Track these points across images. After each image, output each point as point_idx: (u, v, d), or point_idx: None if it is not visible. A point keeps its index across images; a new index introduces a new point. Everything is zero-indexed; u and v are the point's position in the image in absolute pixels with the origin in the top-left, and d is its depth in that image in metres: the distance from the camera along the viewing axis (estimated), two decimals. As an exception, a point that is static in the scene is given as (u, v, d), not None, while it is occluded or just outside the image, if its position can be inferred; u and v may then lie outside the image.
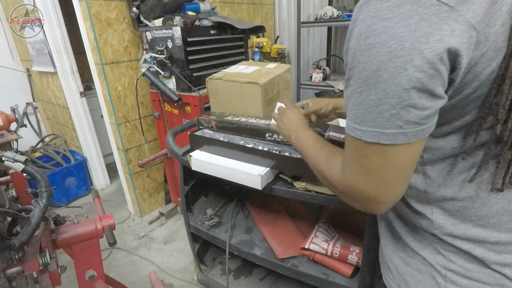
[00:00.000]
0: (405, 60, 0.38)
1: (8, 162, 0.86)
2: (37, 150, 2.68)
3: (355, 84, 0.43)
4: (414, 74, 0.38)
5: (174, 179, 2.22)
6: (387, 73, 0.39)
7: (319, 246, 1.11)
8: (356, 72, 0.43)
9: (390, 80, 0.39)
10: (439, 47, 0.37)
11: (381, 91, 0.40)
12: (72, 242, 1.04)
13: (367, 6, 0.40)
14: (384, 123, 0.41)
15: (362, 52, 0.41)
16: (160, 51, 1.75)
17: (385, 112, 0.41)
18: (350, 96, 0.45)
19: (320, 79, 2.52)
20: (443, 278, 0.51)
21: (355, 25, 0.42)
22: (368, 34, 0.40)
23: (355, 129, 0.45)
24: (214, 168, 1.12)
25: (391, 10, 0.38)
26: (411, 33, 0.37)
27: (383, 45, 0.39)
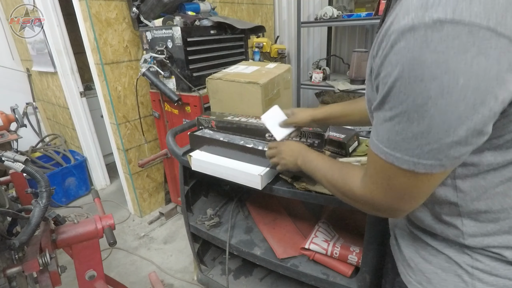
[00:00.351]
0: (457, 98, 0.36)
1: (8, 162, 0.86)
2: (37, 150, 2.68)
3: (392, 112, 0.41)
4: (464, 113, 0.37)
5: (174, 179, 2.22)
6: (435, 109, 0.37)
7: (319, 246, 1.11)
8: (395, 100, 0.40)
9: (437, 116, 0.38)
10: (495, 85, 0.35)
11: (425, 126, 0.39)
12: (72, 242, 1.04)
13: (412, 34, 0.36)
14: (422, 155, 0.41)
15: (406, 84, 0.38)
16: (160, 51, 1.75)
17: (425, 145, 0.40)
18: (383, 121, 0.44)
19: (320, 79, 2.52)
20: (470, 276, 0.51)
21: (393, 51, 0.39)
22: (414, 66, 0.37)
23: (387, 154, 0.44)
24: (214, 168, 1.12)
25: (445, 42, 0.35)
26: (467, 68, 0.35)
27: (433, 79, 0.36)
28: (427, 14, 0.35)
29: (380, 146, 0.45)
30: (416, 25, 0.36)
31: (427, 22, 0.35)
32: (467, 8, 0.34)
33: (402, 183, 0.45)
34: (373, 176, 0.50)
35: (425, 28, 0.35)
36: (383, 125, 0.44)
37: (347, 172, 0.59)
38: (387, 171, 0.46)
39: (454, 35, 0.34)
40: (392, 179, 0.46)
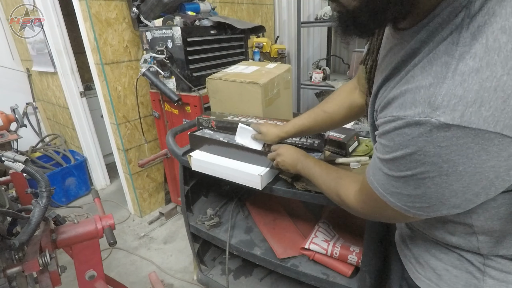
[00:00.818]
0: (454, 179, 0.38)
1: (8, 162, 0.86)
2: (37, 150, 2.68)
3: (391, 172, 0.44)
4: (459, 189, 0.39)
5: (174, 179, 2.22)
6: (432, 183, 0.40)
7: (319, 246, 1.11)
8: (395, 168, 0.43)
9: (433, 188, 0.40)
10: (491, 171, 0.37)
11: (421, 192, 0.42)
12: (72, 242, 1.04)
13: (418, 128, 0.38)
14: (414, 208, 0.45)
15: (406, 162, 0.41)
16: (160, 51, 1.75)
17: (418, 203, 0.44)
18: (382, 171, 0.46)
19: (320, 79, 2.52)
20: (481, 272, 0.52)
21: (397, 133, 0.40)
22: (417, 152, 0.39)
23: (382, 194, 0.48)
24: (214, 168, 1.12)
25: (449, 140, 0.36)
26: (467, 161, 0.36)
27: (433, 164, 0.38)
28: (435, 115, 0.36)
29: (377, 186, 0.48)
30: (423, 122, 0.37)
31: (433, 123, 0.36)
32: (476, 113, 0.34)
33: (393, 214, 0.49)
34: (366, 199, 0.55)
35: (431, 127, 0.36)
36: (381, 173, 0.46)
37: (343, 185, 0.64)
38: (379, 202, 0.49)
39: (460, 136, 0.35)
40: (383, 209, 0.49)
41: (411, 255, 0.64)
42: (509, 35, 0.34)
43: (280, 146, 0.96)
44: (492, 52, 0.34)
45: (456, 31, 0.37)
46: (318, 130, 0.99)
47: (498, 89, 0.34)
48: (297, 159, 0.87)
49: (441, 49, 0.38)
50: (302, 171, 0.84)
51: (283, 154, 0.92)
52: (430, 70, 0.38)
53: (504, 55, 0.33)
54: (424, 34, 0.41)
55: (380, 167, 0.46)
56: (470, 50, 0.35)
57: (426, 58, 0.39)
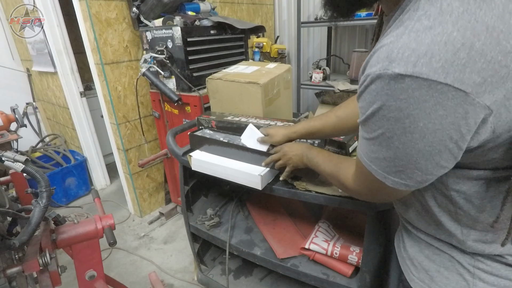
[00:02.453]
0: (417, 137, 0.40)
1: (8, 162, 0.85)
2: (37, 150, 2.68)
3: (368, 134, 0.47)
4: (424, 148, 0.41)
5: (174, 179, 2.22)
6: (399, 142, 0.42)
7: (319, 246, 1.11)
8: (369, 128, 0.46)
9: (401, 148, 0.43)
10: (451, 128, 0.39)
11: (392, 153, 0.44)
12: (72, 242, 1.04)
13: (380, 81, 0.41)
14: (391, 173, 0.47)
15: (376, 119, 0.44)
16: (160, 51, 1.75)
17: (392, 167, 0.46)
18: (363, 138, 0.49)
19: (320, 79, 2.52)
20: (471, 275, 0.53)
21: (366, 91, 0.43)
22: (382, 107, 0.42)
23: (367, 164, 0.50)
24: (214, 168, 1.12)
25: (406, 92, 0.39)
26: (426, 115, 0.39)
27: (397, 120, 0.41)
28: (391, 67, 0.39)
29: (363, 156, 0.51)
30: (382, 75, 0.40)
31: (390, 74, 0.39)
32: (427, 64, 0.37)
33: (379, 188, 0.51)
34: (359, 176, 0.57)
35: (389, 79, 0.39)
36: (363, 141, 0.50)
37: (343, 168, 0.67)
38: (368, 176, 0.52)
39: (415, 87, 0.38)
40: (372, 183, 0.52)
41: (406, 256, 0.64)
42: (461, 1, 0.37)
43: (282, 146, 0.96)
44: (445, 13, 0.38)
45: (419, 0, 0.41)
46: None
47: (448, 43, 0.36)
48: (302, 153, 0.87)
49: (405, 17, 0.42)
50: (308, 163, 0.85)
51: (288, 152, 0.92)
52: (393, 32, 0.42)
53: (456, 16, 0.37)
54: (398, 11, 0.45)
55: (362, 134, 0.49)
56: (425, 13, 0.39)
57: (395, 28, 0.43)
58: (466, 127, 0.39)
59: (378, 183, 0.50)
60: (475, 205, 0.49)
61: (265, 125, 1.13)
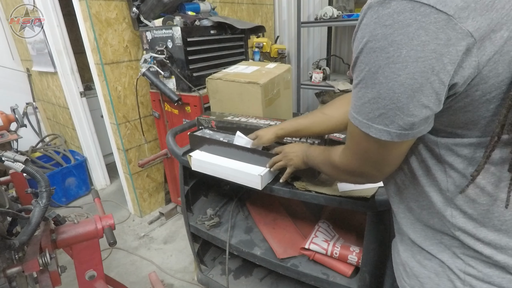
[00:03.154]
0: (400, 67, 0.40)
1: (8, 162, 0.86)
2: (37, 150, 2.68)
3: (357, 79, 0.47)
4: (405, 81, 0.41)
5: (174, 179, 2.22)
6: (383, 76, 0.42)
7: (319, 246, 1.11)
8: (358, 70, 0.46)
9: (384, 83, 0.42)
10: (432, 57, 0.38)
11: (376, 91, 0.44)
12: (72, 242, 1.04)
13: (370, 12, 0.42)
14: (374, 119, 0.46)
15: (364, 54, 0.44)
16: (160, 51, 1.75)
17: (376, 110, 0.45)
18: (353, 87, 0.49)
19: (320, 79, 2.52)
20: (462, 282, 0.51)
21: (359, 29, 0.45)
22: (370, 39, 0.42)
23: (354, 117, 0.49)
24: (214, 168, 1.12)
25: (391, 17, 0.39)
26: (409, 41, 0.39)
27: (382, 50, 0.41)
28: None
29: (351, 112, 0.50)
30: (372, 3, 0.41)
31: (379, 0, 0.40)
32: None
33: (364, 147, 0.50)
34: (348, 142, 0.56)
35: (377, 5, 0.41)
36: (354, 91, 0.49)
37: (332, 150, 0.67)
38: (354, 136, 0.51)
39: (399, 11, 0.39)
40: (358, 144, 0.51)
41: (399, 262, 0.63)
42: None
43: (283, 147, 0.96)
44: None
45: None
46: (316, 132, 0.98)
47: None
48: (302, 153, 0.88)
49: None
50: (308, 162, 0.85)
51: (289, 153, 0.92)
52: None
53: None
54: None
55: (353, 85, 0.49)
56: None
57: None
58: (448, 55, 0.38)
59: (364, 141, 0.49)
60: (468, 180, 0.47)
61: (265, 125, 1.13)
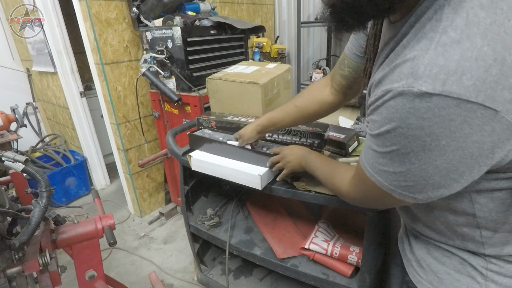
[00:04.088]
0: (437, 154, 0.39)
1: (8, 162, 0.86)
2: (37, 150, 2.68)
3: (379, 148, 0.45)
4: (442, 165, 0.39)
5: (174, 179, 2.22)
6: (416, 159, 0.40)
7: (319, 246, 1.11)
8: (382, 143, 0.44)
9: (417, 164, 0.41)
10: (474, 147, 0.37)
11: (405, 168, 0.42)
12: (72, 242, 1.04)
13: (401, 99, 0.38)
14: (399, 187, 0.45)
15: (392, 136, 0.41)
16: (160, 51, 1.75)
17: (402, 181, 0.44)
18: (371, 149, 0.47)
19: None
20: (484, 277, 0.51)
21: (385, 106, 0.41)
22: (401, 125, 0.39)
23: (371, 174, 0.48)
24: (214, 168, 1.12)
25: (431, 111, 0.36)
26: (450, 134, 0.37)
27: (417, 138, 0.39)
28: (417, 84, 0.37)
29: (367, 166, 0.49)
30: (406, 92, 0.38)
31: (416, 92, 0.37)
32: (457, 82, 0.35)
33: (381, 196, 0.50)
34: (357, 183, 0.56)
35: (413, 97, 0.37)
36: (370, 151, 0.48)
37: (339, 172, 0.67)
38: (369, 184, 0.50)
39: (442, 106, 0.36)
40: (373, 191, 0.51)
41: (413, 258, 0.63)
42: (487, 11, 0.35)
43: (282, 148, 0.97)
44: (472, 25, 0.35)
45: (439, 9, 0.38)
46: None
47: (479, 59, 0.34)
48: (301, 157, 0.88)
49: (427, 28, 0.39)
50: (306, 166, 0.85)
51: (287, 155, 0.93)
52: (416, 46, 0.39)
53: (484, 28, 0.35)
54: (412, 18, 0.42)
55: (370, 145, 0.47)
56: (451, 24, 0.36)
57: (414, 38, 0.41)
58: (490, 144, 0.37)
59: (381, 192, 0.48)
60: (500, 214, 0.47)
61: None
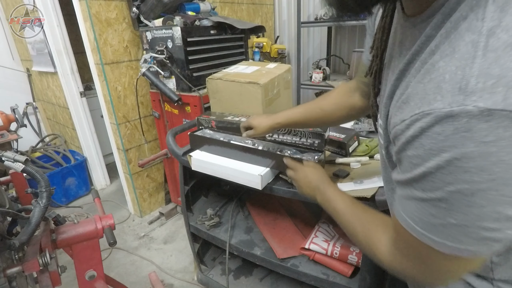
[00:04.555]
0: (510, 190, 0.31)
1: (8, 162, 0.85)
2: (37, 150, 2.68)
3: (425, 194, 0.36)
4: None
5: (174, 179, 2.22)
6: (485, 199, 0.32)
7: (319, 246, 1.11)
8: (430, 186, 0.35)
9: (487, 206, 0.32)
10: None
11: (473, 215, 0.33)
12: (72, 242, 1.04)
13: (451, 122, 0.31)
14: (470, 242, 0.35)
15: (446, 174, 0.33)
16: (160, 51, 1.75)
17: (473, 233, 0.35)
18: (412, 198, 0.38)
19: (320, 79, 2.52)
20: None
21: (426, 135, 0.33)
22: (457, 156, 0.31)
23: (422, 235, 0.39)
24: (214, 168, 1.12)
25: (494, 132, 0.29)
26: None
27: (482, 171, 0.31)
28: (470, 101, 0.29)
29: (412, 224, 0.39)
30: (457, 112, 0.30)
31: (471, 111, 0.29)
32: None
33: (440, 264, 0.40)
34: (403, 250, 0.45)
35: (468, 117, 0.30)
36: (412, 202, 0.38)
37: (370, 230, 0.53)
38: (422, 249, 0.40)
39: (506, 126, 0.29)
40: (428, 258, 0.41)
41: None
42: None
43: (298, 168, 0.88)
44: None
45: (478, 5, 0.31)
46: (311, 126, 0.97)
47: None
48: (316, 188, 0.76)
49: (463, 28, 0.32)
50: (322, 204, 0.73)
51: (300, 180, 0.84)
52: (453, 53, 0.32)
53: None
54: (439, 17, 0.35)
55: (410, 194, 0.38)
56: (500, 24, 0.29)
57: (445, 42, 0.33)
58: None
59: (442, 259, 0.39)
60: None
61: None
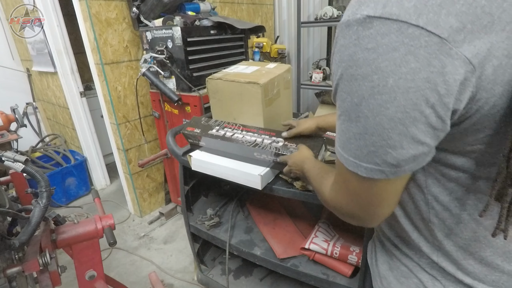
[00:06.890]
0: (387, 99, 0.35)
1: (8, 162, 0.86)
2: (37, 150, 2.68)
3: (339, 110, 0.41)
4: (395, 115, 0.35)
5: (174, 179, 2.22)
6: (368, 109, 0.36)
7: (319, 246, 1.11)
8: (339, 99, 0.40)
9: (370, 117, 0.36)
10: (426, 87, 0.33)
11: (361, 126, 0.38)
12: (72, 242, 1.04)
13: (348, 31, 0.36)
14: (362, 157, 0.39)
15: (344, 82, 0.38)
16: (160, 51, 1.75)
17: (363, 147, 0.39)
18: (337, 119, 0.42)
19: (320, 79, 2.52)
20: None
21: (336, 50, 0.39)
22: (350, 64, 0.36)
23: (340, 154, 0.43)
24: (214, 168, 1.12)
25: (374, 39, 0.34)
26: (396, 68, 0.33)
27: (365, 78, 0.35)
28: (359, 10, 0.35)
29: (336, 145, 0.44)
30: (350, 21, 0.35)
31: (358, 19, 0.34)
32: (397, 4, 0.32)
33: (354, 187, 0.43)
34: (336, 179, 0.49)
35: (357, 24, 0.35)
36: (337, 123, 0.43)
37: (326, 177, 0.57)
38: (342, 173, 0.44)
39: (384, 32, 0.33)
40: (347, 182, 0.44)
41: (377, 273, 0.61)
42: None
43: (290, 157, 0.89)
44: None
45: None
46: None
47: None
48: (301, 165, 0.79)
49: None
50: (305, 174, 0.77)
51: (293, 166, 0.86)
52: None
53: None
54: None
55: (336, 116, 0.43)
56: None
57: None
58: (444, 86, 0.33)
59: (355, 181, 0.42)
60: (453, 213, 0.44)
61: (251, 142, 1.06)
